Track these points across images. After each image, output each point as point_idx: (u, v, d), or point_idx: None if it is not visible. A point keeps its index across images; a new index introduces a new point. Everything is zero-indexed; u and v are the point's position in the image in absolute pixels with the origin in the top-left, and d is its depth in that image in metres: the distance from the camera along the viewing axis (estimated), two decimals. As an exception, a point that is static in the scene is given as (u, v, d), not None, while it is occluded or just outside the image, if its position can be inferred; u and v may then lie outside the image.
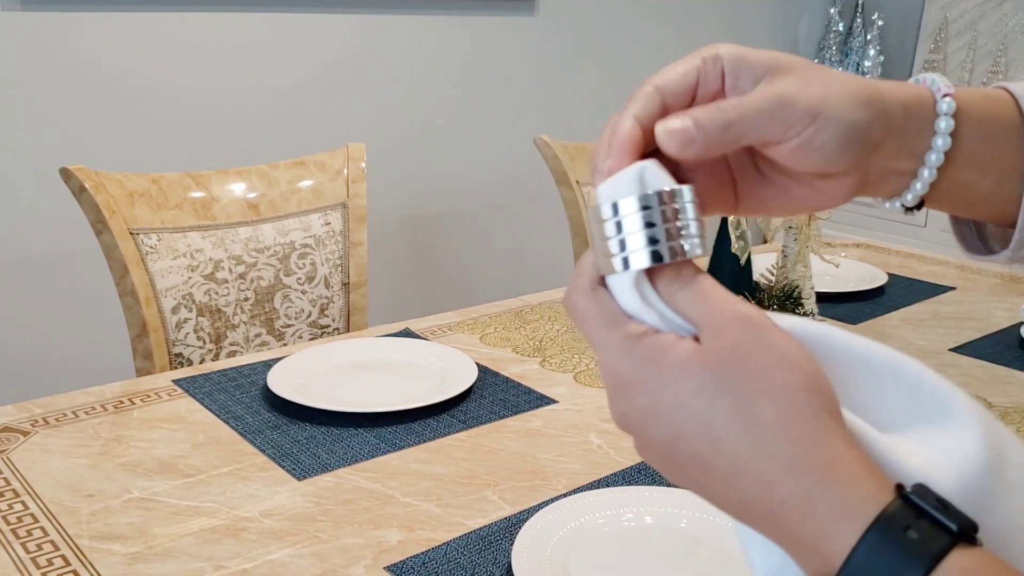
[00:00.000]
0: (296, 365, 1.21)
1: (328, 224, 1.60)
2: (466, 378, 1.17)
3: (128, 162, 2.09)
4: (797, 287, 1.34)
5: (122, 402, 1.12)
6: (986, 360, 1.33)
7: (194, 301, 1.45)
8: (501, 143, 2.79)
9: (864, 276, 1.69)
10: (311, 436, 1.04)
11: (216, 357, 1.47)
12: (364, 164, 1.64)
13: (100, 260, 1.40)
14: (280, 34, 2.31)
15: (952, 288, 1.69)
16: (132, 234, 1.39)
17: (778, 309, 1.33)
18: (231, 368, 1.23)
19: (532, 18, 2.77)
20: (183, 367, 1.41)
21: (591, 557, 0.83)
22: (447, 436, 1.06)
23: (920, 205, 0.50)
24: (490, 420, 1.10)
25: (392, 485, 0.95)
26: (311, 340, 1.56)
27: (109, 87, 2.09)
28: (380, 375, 1.22)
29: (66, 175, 1.37)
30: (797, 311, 1.33)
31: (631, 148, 0.43)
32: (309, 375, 1.19)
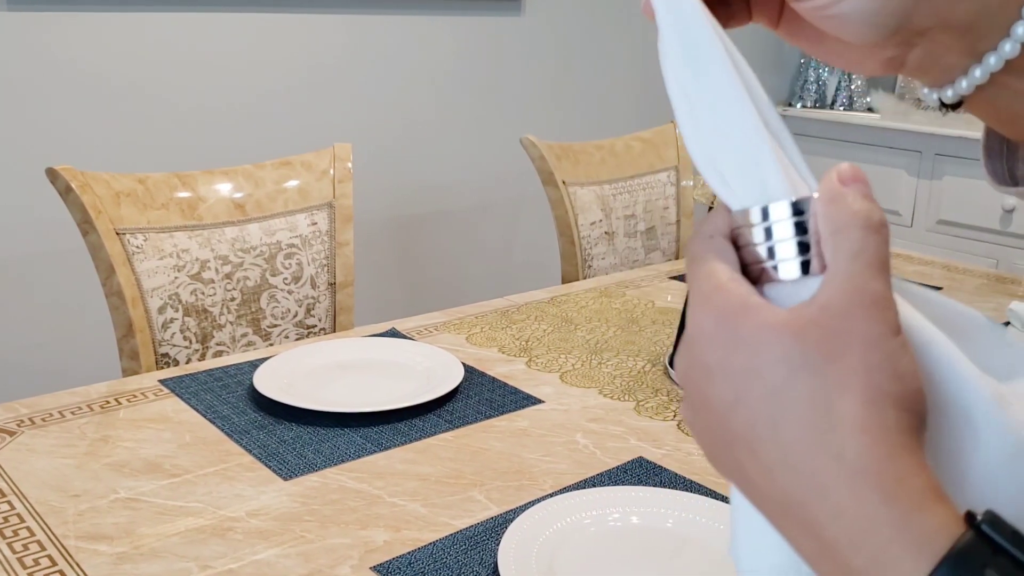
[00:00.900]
0: (282, 365, 1.21)
1: (314, 224, 1.60)
2: (452, 378, 1.18)
3: (114, 162, 2.09)
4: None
5: (108, 402, 1.11)
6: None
7: (180, 301, 1.44)
8: (487, 143, 2.80)
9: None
10: (297, 436, 1.05)
11: (202, 357, 1.47)
12: (350, 164, 1.64)
13: (86, 260, 1.40)
14: (266, 34, 2.31)
15: (938, 288, 1.70)
16: (118, 234, 1.39)
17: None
18: (217, 368, 1.23)
19: (518, 18, 2.77)
20: (169, 367, 1.41)
21: (577, 557, 0.83)
22: (433, 436, 1.06)
23: (959, 104, 0.44)
24: (476, 420, 1.10)
25: (378, 485, 0.95)
26: (297, 340, 1.56)
27: (95, 87, 2.08)
28: (366, 375, 1.23)
29: (52, 175, 1.37)
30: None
31: None
32: (295, 375, 1.19)
